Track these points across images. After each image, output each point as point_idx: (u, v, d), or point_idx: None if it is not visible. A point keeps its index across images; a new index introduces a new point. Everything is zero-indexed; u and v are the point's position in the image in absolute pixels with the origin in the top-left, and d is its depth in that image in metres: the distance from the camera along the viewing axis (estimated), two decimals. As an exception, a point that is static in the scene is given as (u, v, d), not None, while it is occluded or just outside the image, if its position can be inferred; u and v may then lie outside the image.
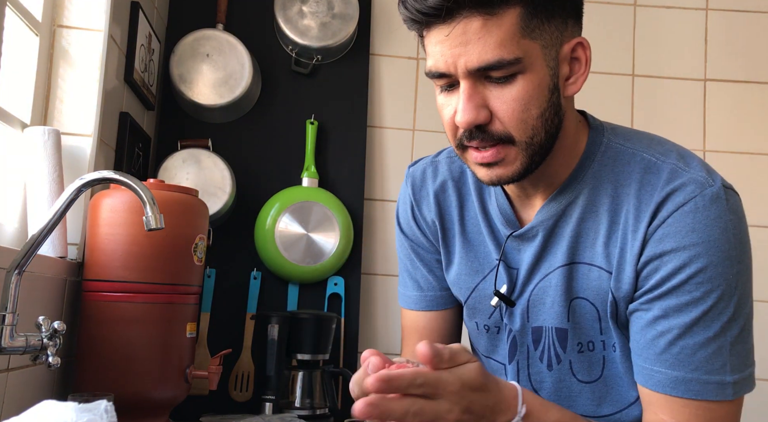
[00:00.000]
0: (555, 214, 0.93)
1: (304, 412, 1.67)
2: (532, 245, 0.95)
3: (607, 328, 0.92)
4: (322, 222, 1.85)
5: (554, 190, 0.93)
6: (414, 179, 1.08)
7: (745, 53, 2.10)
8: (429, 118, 2.03)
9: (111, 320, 1.26)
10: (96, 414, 0.82)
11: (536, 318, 0.96)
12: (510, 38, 0.80)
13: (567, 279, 0.92)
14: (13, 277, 0.99)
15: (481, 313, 1.03)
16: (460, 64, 0.82)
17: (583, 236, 0.91)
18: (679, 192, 0.85)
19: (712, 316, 0.83)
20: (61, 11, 1.44)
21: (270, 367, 1.66)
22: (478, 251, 1.01)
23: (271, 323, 1.68)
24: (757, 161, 2.06)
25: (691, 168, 0.87)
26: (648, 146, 0.91)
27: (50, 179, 1.29)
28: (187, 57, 1.84)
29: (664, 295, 0.85)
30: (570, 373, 0.96)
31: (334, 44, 1.93)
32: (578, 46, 0.87)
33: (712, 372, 0.82)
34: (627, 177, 0.89)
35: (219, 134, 1.90)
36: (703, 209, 0.84)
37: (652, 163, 0.89)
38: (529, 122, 0.84)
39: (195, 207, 1.36)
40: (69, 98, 1.43)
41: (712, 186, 0.85)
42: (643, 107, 2.07)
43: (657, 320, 0.85)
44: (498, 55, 0.80)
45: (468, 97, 0.83)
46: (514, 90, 0.82)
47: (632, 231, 0.87)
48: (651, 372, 0.86)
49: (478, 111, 0.83)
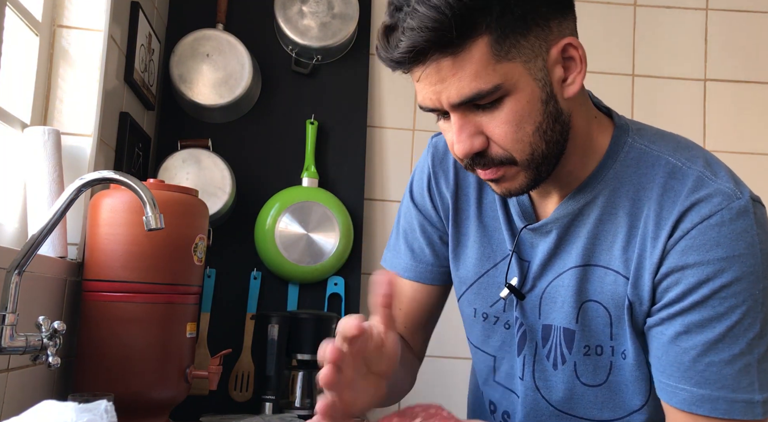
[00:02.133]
0: (572, 212, 0.91)
1: (304, 412, 1.67)
2: (546, 240, 0.93)
3: (618, 334, 0.90)
4: (322, 222, 1.85)
5: (573, 188, 0.91)
6: (436, 150, 1.05)
7: (745, 53, 2.10)
8: (429, 118, 2.03)
9: (111, 320, 1.26)
10: (96, 414, 0.82)
11: (547, 316, 0.95)
12: (483, 68, 0.78)
13: (580, 281, 0.91)
14: (13, 277, 0.99)
15: (483, 300, 1.01)
16: (443, 100, 0.82)
17: (600, 237, 0.89)
18: (704, 203, 0.82)
19: (738, 332, 0.80)
20: (61, 11, 1.44)
21: (270, 367, 1.66)
22: (492, 238, 0.99)
23: (271, 323, 1.68)
24: (757, 161, 2.06)
25: (719, 178, 0.84)
26: (675, 149, 0.88)
27: (50, 179, 1.29)
28: (187, 57, 1.84)
29: (686, 310, 0.82)
30: (574, 375, 0.95)
31: (334, 44, 1.93)
32: (568, 47, 0.83)
33: (739, 390, 0.80)
34: (650, 180, 0.86)
35: (219, 134, 1.90)
36: (729, 222, 0.81)
37: (678, 168, 0.86)
38: (525, 139, 0.82)
39: (195, 207, 1.36)
40: (69, 98, 1.43)
41: (740, 199, 0.82)
42: (643, 107, 2.07)
43: (679, 336, 0.83)
44: (476, 88, 0.79)
45: (459, 129, 0.82)
46: (503, 113, 0.81)
47: (652, 238, 0.85)
48: (675, 389, 0.83)
49: (472, 140, 0.82)
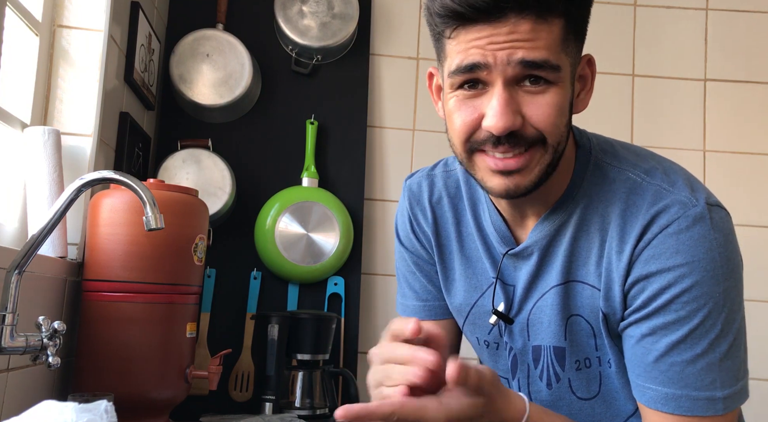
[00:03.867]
0: (549, 234, 0.93)
1: (304, 412, 1.67)
2: (528, 263, 0.95)
3: (601, 345, 0.93)
4: (322, 222, 1.85)
5: (547, 209, 0.93)
6: (411, 193, 1.08)
7: (745, 53, 2.10)
8: (429, 118, 2.03)
9: (111, 320, 1.26)
10: (96, 414, 0.82)
11: (535, 337, 0.97)
12: (555, 45, 0.80)
13: (563, 298, 0.93)
14: (13, 277, 0.99)
15: (481, 329, 1.03)
16: (501, 57, 0.78)
17: (576, 254, 0.92)
18: (663, 214, 0.85)
19: (699, 334, 0.83)
20: (61, 11, 1.44)
21: (270, 367, 1.66)
22: (476, 268, 1.01)
23: (271, 323, 1.68)
24: (757, 161, 2.06)
25: (676, 188, 0.87)
26: (634, 164, 0.91)
27: (50, 179, 1.29)
28: (187, 57, 1.84)
29: (650, 315, 0.86)
30: (569, 391, 0.96)
31: (334, 44, 1.93)
32: (586, 64, 0.88)
33: (701, 388, 0.83)
34: (612, 196, 0.90)
35: (219, 134, 1.90)
36: (686, 229, 0.84)
37: (637, 184, 0.89)
38: (561, 127, 0.83)
39: (195, 207, 1.36)
40: (69, 98, 1.43)
41: (696, 206, 0.85)
42: (643, 107, 2.07)
43: (645, 337, 0.86)
44: (546, 56, 0.79)
45: (505, 103, 0.80)
46: (546, 98, 0.81)
47: (617, 252, 0.88)
48: (644, 388, 0.87)
49: (514, 116, 0.81)
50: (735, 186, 2.02)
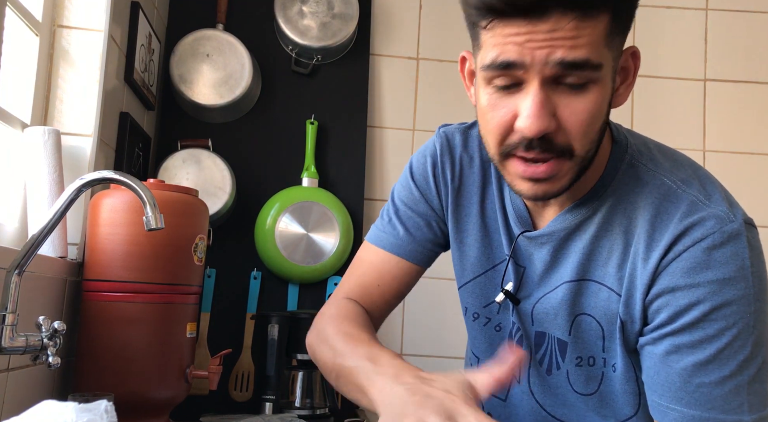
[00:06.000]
0: (569, 227, 0.90)
1: (304, 412, 1.67)
2: (542, 251, 0.93)
3: (610, 348, 0.90)
4: (322, 222, 1.85)
5: (571, 202, 0.90)
6: (445, 140, 1.03)
7: (745, 53, 2.10)
8: (429, 118, 2.03)
9: (111, 320, 1.26)
10: (96, 414, 0.82)
11: (540, 325, 0.95)
12: (598, 42, 0.75)
13: (574, 295, 0.90)
14: (13, 277, 0.99)
15: (476, 299, 1.01)
16: (539, 57, 0.74)
17: (596, 253, 0.89)
18: (698, 226, 0.82)
19: (728, 354, 0.80)
20: (61, 11, 1.44)
21: (270, 367, 1.66)
22: (492, 239, 0.99)
23: (271, 323, 1.68)
24: (757, 161, 2.06)
25: (713, 201, 0.84)
26: (671, 169, 0.88)
27: (50, 179, 1.29)
28: (187, 57, 1.84)
29: (677, 331, 0.82)
30: (567, 382, 0.95)
31: (334, 44, 1.93)
32: (630, 56, 0.83)
33: (729, 411, 0.80)
34: (644, 200, 0.86)
35: (219, 134, 1.90)
36: (720, 246, 0.81)
37: (672, 191, 0.86)
38: (590, 135, 0.80)
39: (195, 207, 1.36)
40: (69, 98, 1.43)
41: (733, 222, 0.82)
42: (643, 107, 2.07)
43: (669, 355, 0.83)
44: (587, 55, 0.74)
45: (541, 104, 0.76)
46: (586, 100, 0.77)
47: (642, 259, 0.84)
48: (666, 409, 0.84)
49: (549, 119, 0.77)
50: (735, 186, 1.99)
